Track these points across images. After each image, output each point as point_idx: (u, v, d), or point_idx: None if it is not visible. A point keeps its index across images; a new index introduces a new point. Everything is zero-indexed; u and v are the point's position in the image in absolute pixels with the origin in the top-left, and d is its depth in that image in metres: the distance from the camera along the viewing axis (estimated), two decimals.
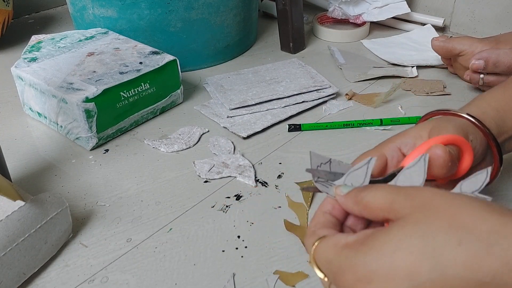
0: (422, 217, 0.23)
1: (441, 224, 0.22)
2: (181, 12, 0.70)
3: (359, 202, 0.28)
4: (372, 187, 0.28)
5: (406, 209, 0.24)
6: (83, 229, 0.45)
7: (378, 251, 0.23)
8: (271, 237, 0.43)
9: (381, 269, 0.23)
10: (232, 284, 0.39)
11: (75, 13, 0.76)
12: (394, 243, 0.23)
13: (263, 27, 0.93)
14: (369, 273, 0.23)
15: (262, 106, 0.62)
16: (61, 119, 0.57)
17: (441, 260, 0.21)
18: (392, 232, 0.24)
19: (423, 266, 0.22)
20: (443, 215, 0.23)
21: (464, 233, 0.22)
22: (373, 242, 0.24)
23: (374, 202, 0.27)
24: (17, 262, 0.38)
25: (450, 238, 0.22)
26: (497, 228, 0.21)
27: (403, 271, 0.22)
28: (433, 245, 0.22)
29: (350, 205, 0.29)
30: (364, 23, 0.87)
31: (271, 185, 0.50)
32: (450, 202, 0.23)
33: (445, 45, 0.66)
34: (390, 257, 0.23)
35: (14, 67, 0.60)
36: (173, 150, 0.56)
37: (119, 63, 0.60)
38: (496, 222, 0.22)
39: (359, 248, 0.24)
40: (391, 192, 0.26)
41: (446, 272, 0.21)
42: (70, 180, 0.51)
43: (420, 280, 0.22)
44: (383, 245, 0.23)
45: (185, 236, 0.44)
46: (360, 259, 0.24)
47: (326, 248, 0.26)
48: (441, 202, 0.24)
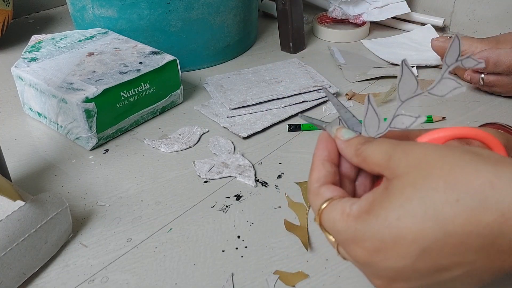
0: (418, 177, 0.24)
1: (437, 183, 0.23)
2: (181, 12, 0.70)
3: (359, 155, 0.28)
4: (373, 141, 0.28)
5: (402, 167, 0.25)
6: (83, 229, 0.45)
7: (383, 220, 0.24)
8: (271, 237, 0.43)
9: (388, 237, 0.24)
10: (231, 284, 0.39)
11: (75, 13, 0.76)
12: (397, 209, 0.24)
13: (263, 27, 0.93)
14: (377, 243, 0.24)
15: (262, 106, 0.62)
16: (61, 119, 0.57)
17: (443, 219, 0.22)
18: (394, 198, 0.24)
19: (427, 228, 0.23)
20: (438, 173, 0.23)
21: (460, 189, 0.22)
22: (378, 210, 0.24)
23: (373, 157, 0.27)
24: (17, 262, 0.38)
25: (448, 197, 0.22)
26: (491, 181, 0.22)
27: (410, 236, 0.23)
28: (433, 206, 0.23)
29: (349, 155, 0.29)
30: (364, 23, 0.87)
31: (271, 185, 0.50)
32: (443, 158, 0.24)
33: (445, 45, 0.66)
34: (395, 225, 0.23)
35: (14, 67, 0.60)
36: (173, 150, 0.56)
37: (119, 63, 0.60)
38: (489, 174, 0.22)
39: (365, 218, 0.25)
40: (389, 148, 0.27)
41: (449, 230, 0.22)
42: (70, 180, 0.51)
43: (426, 241, 0.23)
44: (387, 213, 0.24)
45: (185, 236, 0.44)
46: (367, 230, 0.24)
47: (333, 217, 0.27)
48: (435, 159, 0.24)
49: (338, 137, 0.30)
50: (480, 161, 0.23)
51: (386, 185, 0.26)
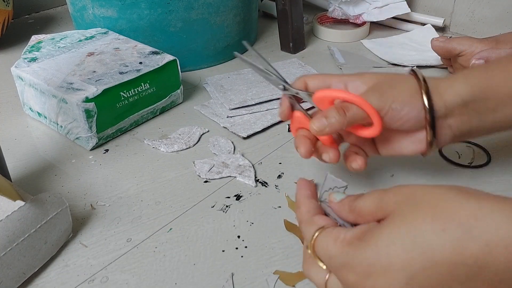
0: (408, 210, 0.25)
1: (425, 215, 0.24)
2: (181, 12, 0.70)
3: (353, 211, 0.30)
4: (362, 197, 0.31)
5: (392, 205, 0.27)
6: (83, 229, 0.45)
7: (374, 246, 0.25)
8: (271, 237, 0.43)
9: (378, 264, 0.25)
10: (230, 284, 0.39)
11: (75, 13, 0.76)
12: (387, 238, 0.25)
13: (263, 27, 0.93)
14: (367, 268, 0.25)
15: (262, 106, 0.62)
16: (61, 119, 0.57)
17: (430, 248, 0.23)
18: (385, 228, 0.26)
19: (415, 256, 0.24)
20: (425, 206, 0.25)
21: (446, 220, 0.24)
22: (369, 238, 0.26)
23: (366, 208, 0.29)
24: (17, 262, 0.38)
25: (435, 227, 0.24)
26: (475, 213, 0.23)
27: (398, 263, 0.24)
28: (421, 235, 0.24)
29: (345, 213, 0.31)
30: (364, 23, 0.87)
31: (271, 185, 0.50)
32: (429, 193, 0.26)
33: (445, 45, 0.66)
34: (385, 252, 0.25)
35: (14, 67, 0.60)
36: (173, 150, 0.56)
37: (119, 63, 0.60)
38: (473, 207, 0.24)
39: (358, 244, 0.26)
40: (379, 194, 0.29)
41: (436, 258, 0.23)
42: (70, 180, 0.51)
43: (414, 269, 0.24)
44: (378, 240, 0.25)
45: (185, 236, 0.44)
46: (359, 256, 0.26)
47: (326, 243, 0.28)
48: (422, 194, 0.26)
49: (331, 201, 0.32)
50: (464, 195, 0.25)
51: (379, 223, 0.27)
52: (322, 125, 0.38)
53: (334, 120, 0.38)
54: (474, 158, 0.52)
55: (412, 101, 0.38)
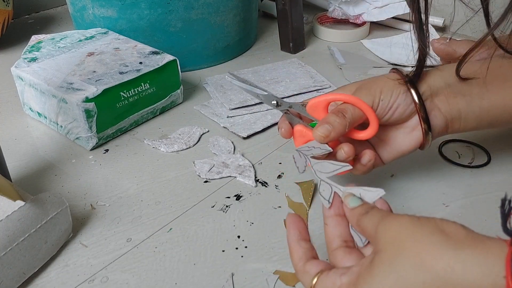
0: (393, 255, 0.28)
1: (408, 264, 0.27)
2: (181, 12, 0.70)
3: (359, 225, 0.32)
4: (369, 212, 0.32)
5: (382, 244, 0.29)
6: (83, 229, 0.45)
7: None
8: (271, 237, 0.43)
9: None
10: (231, 284, 0.39)
11: (75, 13, 0.76)
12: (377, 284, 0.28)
13: (263, 27, 0.93)
14: None
15: (262, 106, 0.62)
16: (61, 119, 0.57)
17: None
18: (375, 275, 0.28)
19: None
20: (407, 254, 0.27)
21: (425, 273, 0.26)
22: (362, 285, 0.29)
23: (367, 229, 0.31)
24: (17, 262, 0.38)
25: (416, 279, 0.26)
26: (451, 265, 0.26)
27: None
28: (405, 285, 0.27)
29: (352, 223, 0.33)
30: (364, 23, 0.87)
31: (271, 185, 0.50)
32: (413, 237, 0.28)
33: (445, 48, 0.66)
34: None
35: (14, 67, 0.60)
36: (173, 150, 0.56)
37: (119, 63, 0.61)
38: (450, 259, 0.26)
39: None
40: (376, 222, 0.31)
41: None
42: (70, 180, 0.51)
43: None
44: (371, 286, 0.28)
45: (185, 236, 0.44)
46: None
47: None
48: (406, 238, 0.28)
49: (345, 204, 0.34)
50: (444, 242, 0.27)
51: (371, 258, 0.29)
52: (326, 130, 0.38)
53: (336, 124, 0.38)
54: (474, 158, 0.52)
55: (397, 87, 0.41)
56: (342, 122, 0.39)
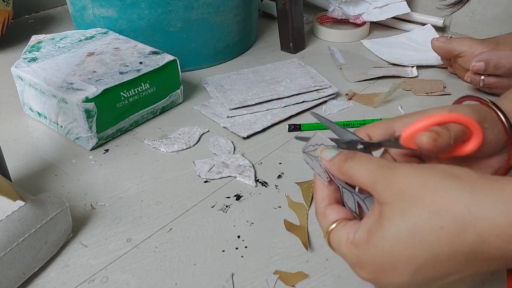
0: (405, 206, 0.27)
1: (422, 213, 0.27)
2: (181, 12, 0.70)
3: (344, 173, 0.31)
4: (354, 158, 0.31)
5: (388, 195, 0.28)
6: (83, 229, 0.45)
7: (380, 248, 0.28)
8: (271, 237, 0.43)
9: (386, 262, 0.28)
10: (231, 284, 0.39)
11: (75, 13, 0.76)
12: (390, 238, 0.28)
13: (263, 27, 0.93)
14: (378, 266, 0.29)
15: (262, 106, 0.62)
16: (61, 119, 0.57)
17: (430, 244, 0.27)
18: (387, 228, 0.28)
19: (417, 252, 0.27)
20: (422, 202, 0.27)
21: (442, 218, 0.26)
22: (375, 240, 0.28)
23: (358, 178, 0.30)
24: (17, 262, 0.38)
25: (433, 225, 0.26)
26: (468, 208, 0.26)
27: (404, 259, 0.27)
28: (421, 234, 0.27)
29: (335, 173, 0.32)
30: (364, 23, 0.87)
31: (271, 185, 0.50)
32: (425, 186, 0.27)
33: (445, 46, 0.66)
34: (390, 251, 0.28)
35: (14, 67, 0.60)
36: (173, 150, 0.56)
37: (119, 63, 0.60)
38: (466, 201, 0.26)
39: (364, 248, 0.29)
40: (374, 171, 0.30)
41: (436, 252, 0.27)
42: (70, 180, 0.51)
43: (418, 262, 0.27)
44: (382, 241, 0.28)
45: (185, 236, 0.44)
46: (368, 257, 0.29)
47: (338, 241, 0.31)
48: (417, 187, 0.27)
49: (323, 158, 0.33)
50: (458, 187, 0.27)
51: (378, 211, 0.29)
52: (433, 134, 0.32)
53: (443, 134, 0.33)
54: None
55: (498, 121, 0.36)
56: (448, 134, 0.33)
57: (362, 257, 0.29)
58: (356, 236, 0.30)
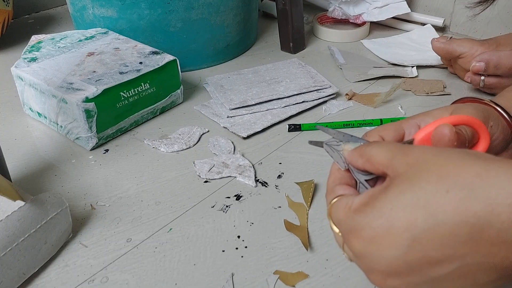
0: (414, 173, 0.25)
1: (431, 177, 0.25)
2: (181, 12, 0.70)
3: (363, 155, 0.30)
4: (376, 143, 0.30)
5: (402, 166, 0.26)
6: (83, 229, 0.45)
7: (378, 210, 0.26)
8: (271, 237, 0.43)
9: (381, 226, 0.25)
10: (231, 284, 0.39)
11: (75, 13, 0.76)
12: (391, 201, 0.25)
13: (263, 27, 0.93)
14: (371, 231, 0.26)
15: (262, 106, 0.62)
16: (61, 119, 0.57)
17: (432, 209, 0.24)
18: (390, 191, 0.26)
19: (418, 218, 0.24)
20: (432, 168, 0.25)
21: (450, 181, 0.24)
22: (374, 202, 0.26)
23: (377, 157, 0.29)
24: (17, 262, 0.38)
25: (439, 188, 0.24)
26: (480, 173, 0.23)
27: (401, 225, 0.24)
28: (425, 197, 0.24)
29: (355, 158, 0.31)
30: (364, 23, 0.87)
31: (271, 185, 0.50)
32: (438, 155, 0.26)
33: (445, 46, 0.66)
34: (388, 214, 0.25)
35: (14, 67, 0.60)
36: (173, 150, 0.56)
37: (119, 63, 0.60)
38: (479, 168, 0.24)
39: (363, 209, 0.27)
40: (392, 149, 0.28)
41: (438, 219, 0.23)
42: (70, 180, 0.51)
43: (417, 230, 0.24)
44: (382, 204, 0.26)
45: (185, 236, 0.44)
46: (363, 220, 0.26)
47: (338, 209, 0.29)
48: (431, 156, 0.26)
49: (345, 149, 0.32)
50: (471, 157, 0.25)
51: (387, 183, 0.27)
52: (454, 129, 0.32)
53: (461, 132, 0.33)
54: None
55: (500, 119, 0.36)
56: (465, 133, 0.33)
57: (357, 220, 0.27)
58: (356, 201, 0.28)
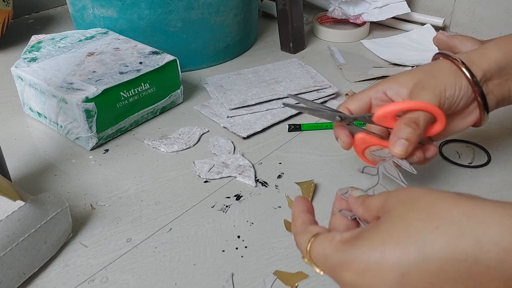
0: (405, 210, 0.26)
1: (420, 214, 0.25)
2: (181, 12, 0.70)
3: (363, 204, 0.31)
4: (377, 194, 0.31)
5: (393, 203, 0.28)
6: (83, 229, 0.45)
7: (370, 242, 0.26)
8: (271, 237, 0.43)
9: (372, 259, 0.25)
10: (231, 284, 0.39)
11: (75, 13, 0.76)
12: (382, 235, 0.26)
13: (263, 27, 0.93)
14: (362, 264, 0.26)
15: (262, 106, 0.62)
16: (61, 119, 0.57)
17: (423, 245, 0.24)
18: (381, 226, 0.26)
19: (408, 253, 0.24)
20: (422, 206, 0.26)
21: (439, 219, 0.25)
22: (365, 235, 0.26)
23: (373, 204, 0.30)
24: (17, 262, 0.38)
25: (429, 225, 0.25)
26: (467, 211, 0.24)
27: (392, 260, 0.25)
28: (415, 233, 0.25)
29: (356, 205, 0.32)
30: (364, 23, 0.87)
31: (271, 185, 0.50)
32: (429, 194, 0.27)
33: (448, 40, 0.66)
34: (380, 248, 0.25)
35: (14, 67, 0.60)
36: (173, 150, 0.56)
37: (119, 63, 0.60)
38: (466, 206, 0.25)
39: (354, 242, 0.27)
40: (386, 193, 0.29)
41: (428, 255, 0.24)
42: (70, 180, 0.51)
43: (407, 265, 0.24)
44: (374, 237, 0.26)
45: (185, 236, 0.44)
46: (354, 252, 0.26)
47: (322, 244, 0.28)
48: (422, 195, 0.27)
49: (352, 195, 0.33)
50: (459, 197, 0.26)
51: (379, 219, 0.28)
52: (404, 146, 0.38)
53: (411, 136, 0.38)
54: (474, 158, 0.52)
55: (458, 81, 0.41)
56: (417, 133, 0.39)
57: (347, 253, 0.26)
58: (345, 235, 0.28)
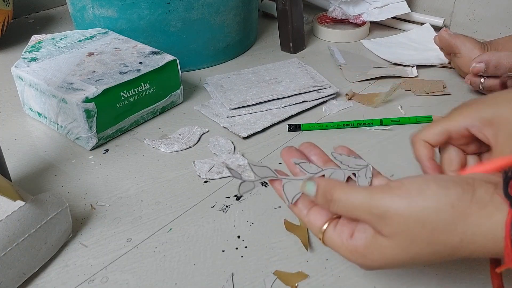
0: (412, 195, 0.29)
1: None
2: (181, 12, 0.70)
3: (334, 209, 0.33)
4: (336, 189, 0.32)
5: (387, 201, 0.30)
6: (83, 229, 0.45)
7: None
8: (271, 237, 0.43)
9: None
10: (231, 284, 0.39)
11: (75, 13, 0.76)
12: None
13: (263, 27, 0.93)
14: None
15: (262, 106, 0.62)
16: (61, 119, 0.57)
17: None
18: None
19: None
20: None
21: None
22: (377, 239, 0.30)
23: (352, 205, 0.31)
24: (17, 262, 0.38)
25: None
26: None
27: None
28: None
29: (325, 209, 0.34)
30: (364, 23, 0.87)
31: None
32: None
33: (449, 39, 0.66)
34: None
35: (14, 67, 0.60)
36: (173, 150, 0.56)
37: (119, 63, 0.60)
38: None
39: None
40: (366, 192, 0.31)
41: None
42: (70, 180, 0.51)
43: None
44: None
45: (185, 236, 0.44)
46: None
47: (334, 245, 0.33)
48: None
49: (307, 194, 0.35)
50: None
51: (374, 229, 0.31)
52: None
53: None
54: None
55: None
56: None
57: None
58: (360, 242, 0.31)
